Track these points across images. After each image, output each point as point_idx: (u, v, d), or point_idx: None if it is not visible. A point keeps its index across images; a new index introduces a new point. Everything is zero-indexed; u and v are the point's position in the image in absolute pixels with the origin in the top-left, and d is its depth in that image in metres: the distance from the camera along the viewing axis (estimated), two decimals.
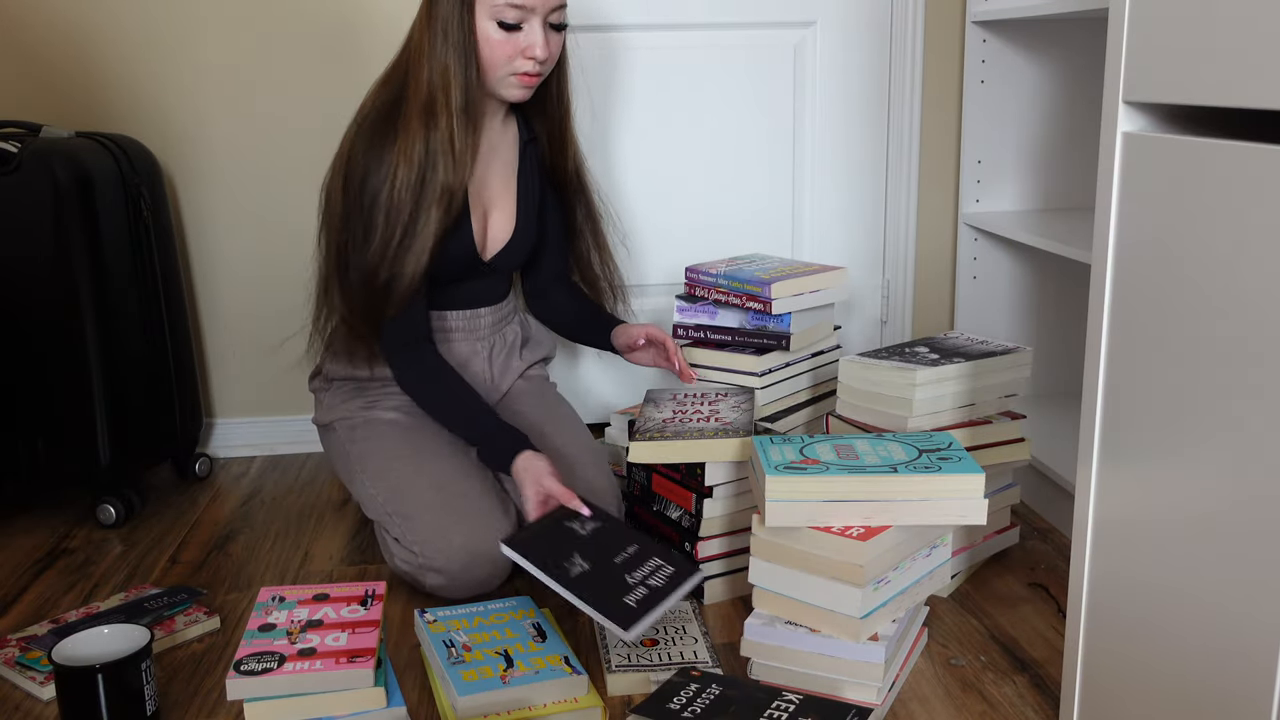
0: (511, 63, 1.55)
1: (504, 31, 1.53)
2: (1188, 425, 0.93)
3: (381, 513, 1.60)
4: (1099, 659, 1.10)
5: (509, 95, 1.60)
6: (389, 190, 1.54)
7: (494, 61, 1.55)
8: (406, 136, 1.54)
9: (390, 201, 1.54)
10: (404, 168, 1.54)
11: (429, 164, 1.54)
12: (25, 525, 1.88)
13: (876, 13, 2.17)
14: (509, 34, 1.53)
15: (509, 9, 1.51)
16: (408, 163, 1.53)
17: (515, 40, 1.54)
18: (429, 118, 1.54)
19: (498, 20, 1.52)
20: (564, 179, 1.77)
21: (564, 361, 2.20)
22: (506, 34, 1.53)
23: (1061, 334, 2.24)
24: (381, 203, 1.54)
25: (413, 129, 1.54)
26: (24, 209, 1.74)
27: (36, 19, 2.01)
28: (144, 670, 1.23)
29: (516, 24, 1.53)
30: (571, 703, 1.27)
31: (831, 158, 2.23)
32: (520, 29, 1.53)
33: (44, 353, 1.79)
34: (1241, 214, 0.85)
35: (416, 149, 1.54)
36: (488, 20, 1.52)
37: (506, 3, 1.50)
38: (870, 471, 1.29)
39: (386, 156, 1.55)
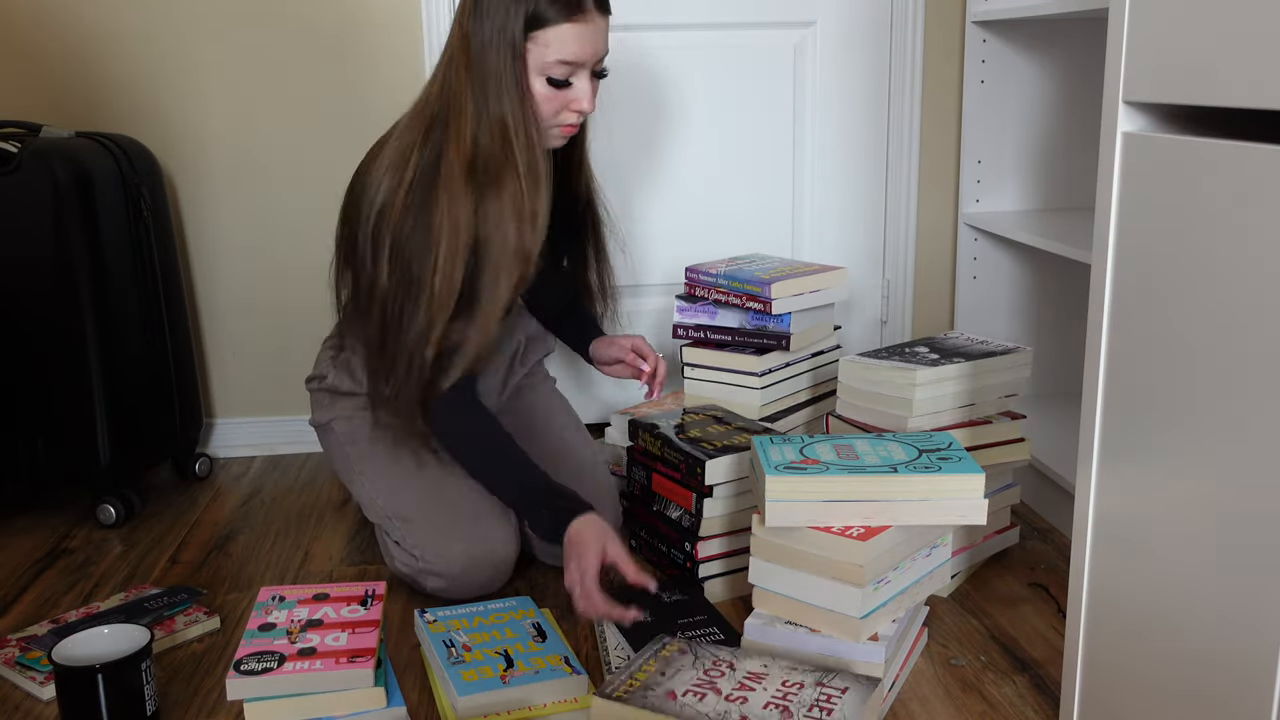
0: (558, 116, 1.49)
1: (553, 88, 1.46)
2: (1188, 425, 0.93)
3: (381, 515, 1.60)
4: (1099, 659, 1.10)
5: (549, 145, 1.53)
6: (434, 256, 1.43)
7: (541, 115, 1.48)
8: (451, 197, 1.43)
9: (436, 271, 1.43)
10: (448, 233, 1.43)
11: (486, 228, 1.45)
12: (25, 525, 1.88)
13: (876, 13, 2.17)
14: (558, 90, 1.46)
15: (559, 66, 1.44)
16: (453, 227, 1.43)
17: (564, 95, 1.47)
18: (481, 177, 1.45)
19: (548, 77, 1.45)
20: (574, 207, 1.72)
21: (564, 361, 2.20)
22: (555, 90, 1.46)
23: (1061, 334, 2.24)
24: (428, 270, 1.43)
25: (457, 189, 1.44)
26: (24, 209, 1.74)
27: (36, 19, 2.01)
28: (144, 670, 1.23)
29: (565, 80, 1.46)
30: (571, 703, 1.28)
31: (831, 158, 2.23)
32: (570, 84, 1.47)
33: (44, 353, 1.79)
34: (1241, 214, 0.85)
35: (466, 212, 1.44)
36: (536, 77, 1.45)
37: (558, 60, 1.44)
38: (870, 471, 1.29)
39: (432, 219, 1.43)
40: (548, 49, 1.43)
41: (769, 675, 1.19)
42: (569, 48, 1.43)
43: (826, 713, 1.11)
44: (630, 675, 1.18)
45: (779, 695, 1.14)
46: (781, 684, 1.17)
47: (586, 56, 1.45)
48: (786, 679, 1.18)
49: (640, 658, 1.22)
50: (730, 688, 1.16)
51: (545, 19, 1.42)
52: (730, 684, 1.17)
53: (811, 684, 1.17)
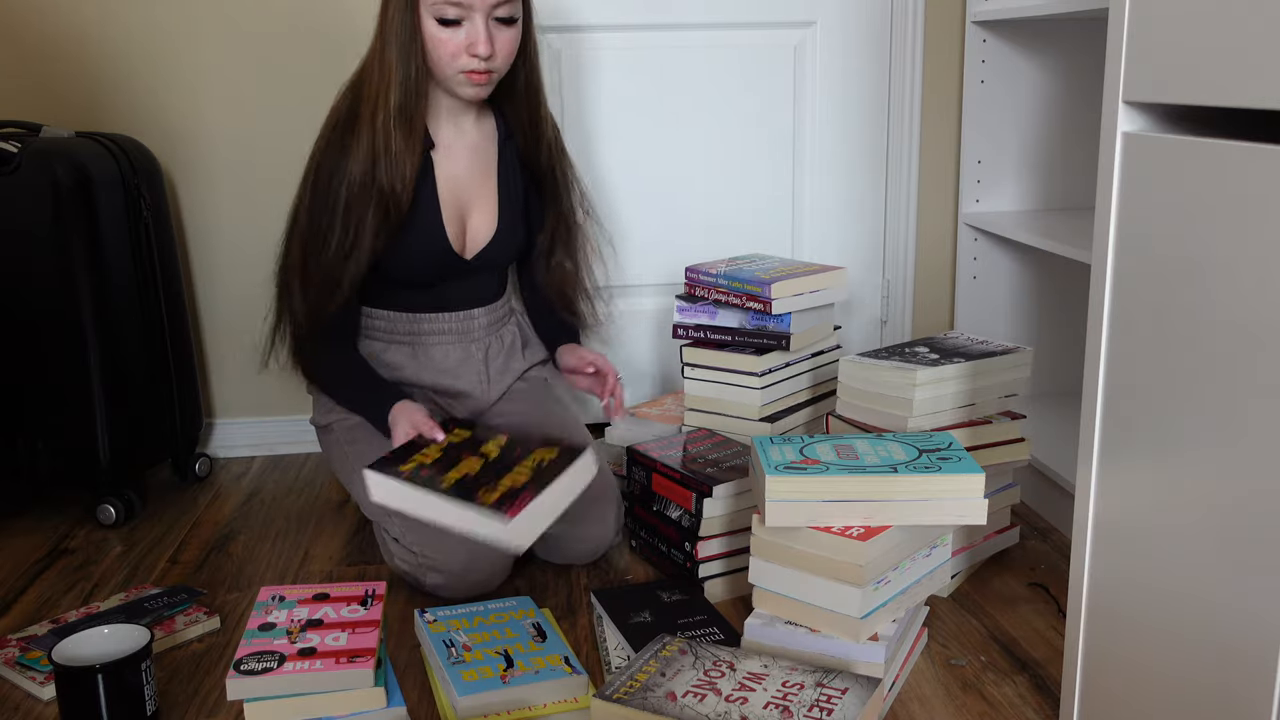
0: (457, 60, 1.54)
1: (446, 29, 1.52)
2: (1188, 425, 0.93)
3: (380, 513, 1.60)
4: (1099, 659, 1.10)
5: (464, 94, 1.59)
6: (337, 188, 1.55)
7: (439, 60, 1.54)
8: (356, 137, 1.55)
9: (334, 201, 1.55)
10: (356, 168, 1.55)
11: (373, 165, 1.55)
12: (25, 525, 1.88)
13: (876, 13, 2.17)
14: (451, 31, 1.52)
15: (447, 6, 1.50)
16: (359, 164, 1.55)
17: (458, 37, 1.52)
18: (371, 115, 1.55)
19: (438, 18, 1.51)
20: (540, 174, 1.75)
21: None
22: (449, 31, 1.52)
23: (1061, 334, 2.24)
24: (329, 203, 1.56)
25: (361, 130, 1.55)
26: (24, 209, 1.74)
27: (36, 19, 2.01)
28: (144, 670, 1.23)
29: (457, 20, 1.51)
30: (571, 703, 1.28)
31: (831, 158, 2.23)
32: (461, 25, 1.52)
33: (44, 353, 1.79)
34: (1241, 214, 0.85)
35: (364, 149, 1.55)
36: (429, 19, 1.52)
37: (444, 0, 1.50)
38: (870, 471, 1.29)
39: (342, 158, 1.56)
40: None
41: (769, 675, 1.19)
42: None
43: (827, 713, 1.11)
44: (630, 676, 1.18)
45: (779, 695, 1.14)
46: (782, 684, 1.17)
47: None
48: (787, 679, 1.18)
49: (640, 658, 1.22)
50: (730, 688, 1.16)
51: None
52: (730, 684, 1.17)
53: (812, 684, 1.17)
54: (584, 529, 1.61)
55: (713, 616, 1.45)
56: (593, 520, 1.62)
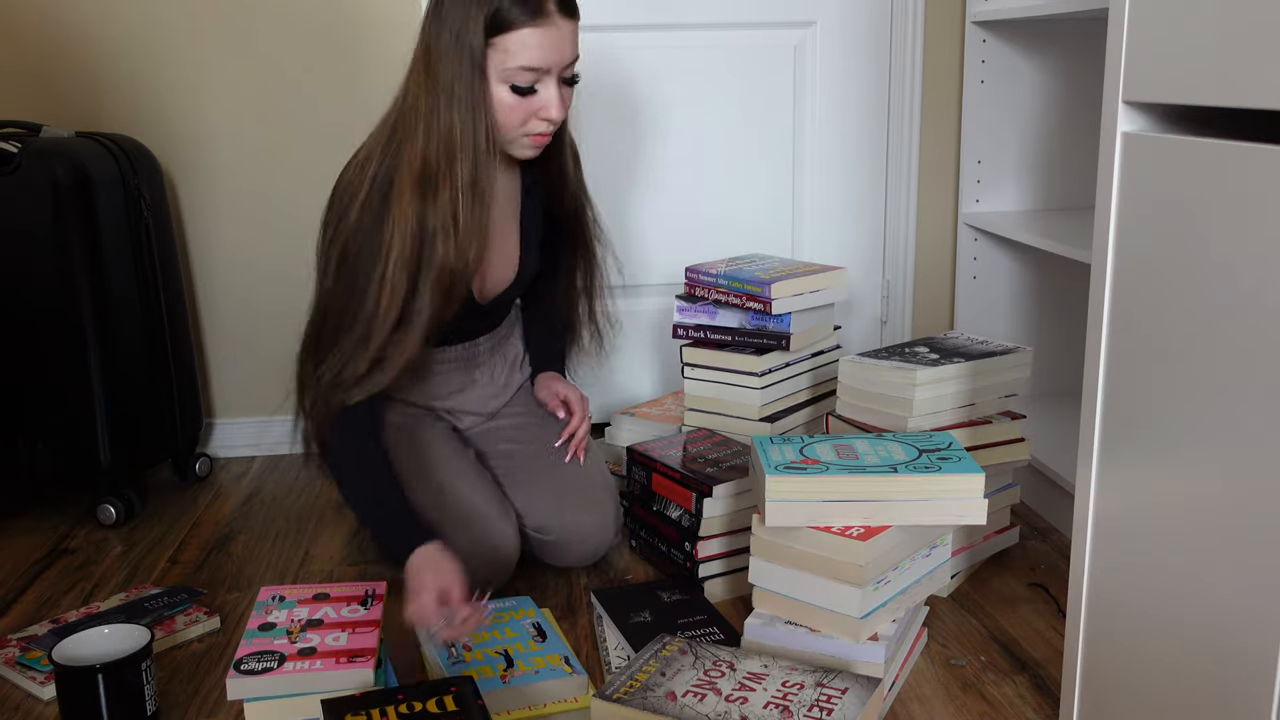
0: (525, 125, 1.45)
1: (517, 96, 1.42)
2: (1188, 425, 0.93)
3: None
4: (1099, 659, 1.10)
5: (520, 155, 1.50)
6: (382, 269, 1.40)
7: (507, 125, 1.44)
8: (400, 209, 1.40)
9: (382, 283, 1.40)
10: (398, 245, 1.39)
11: (425, 241, 1.41)
12: (25, 525, 1.88)
13: (876, 13, 2.17)
14: (523, 98, 1.42)
15: (523, 73, 1.40)
16: (401, 240, 1.39)
17: (530, 103, 1.43)
18: (425, 189, 1.40)
19: (510, 84, 1.41)
20: (564, 218, 1.69)
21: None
22: (520, 98, 1.42)
23: (1061, 334, 2.24)
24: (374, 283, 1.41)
25: (406, 201, 1.40)
26: (24, 209, 1.74)
27: (37, 19, 2.01)
28: (144, 670, 1.23)
29: (530, 87, 1.42)
30: (571, 703, 1.28)
31: (831, 158, 2.23)
32: (535, 91, 1.42)
33: (44, 353, 1.79)
34: (1241, 214, 0.85)
35: (411, 224, 1.40)
36: (499, 84, 1.41)
37: (520, 67, 1.39)
38: (870, 471, 1.29)
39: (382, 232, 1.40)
40: (509, 55, 1.39)
41: (769, 675, 1.19)
42: (531, 53, 1.39)
43: (827, 713, 1.11)
44: (630, 676, 1.18)
45: (779, 695, 1.14)
46: (782, 684, 1.17)
47: (551, 62, 1.41)
48: (786, 679, 1.18)
49: (640, 658, 1.22)
50: (730, 688, 1.16)
51: (506, 23, 1.38)
52: (730, 684, 1.17)
53: (812, 684, 1.17)
54: (583, 531, 1.61)
55: (713, 616, 1.45)
56: (592, 522, 1.61)
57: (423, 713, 1.09)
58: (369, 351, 1.42)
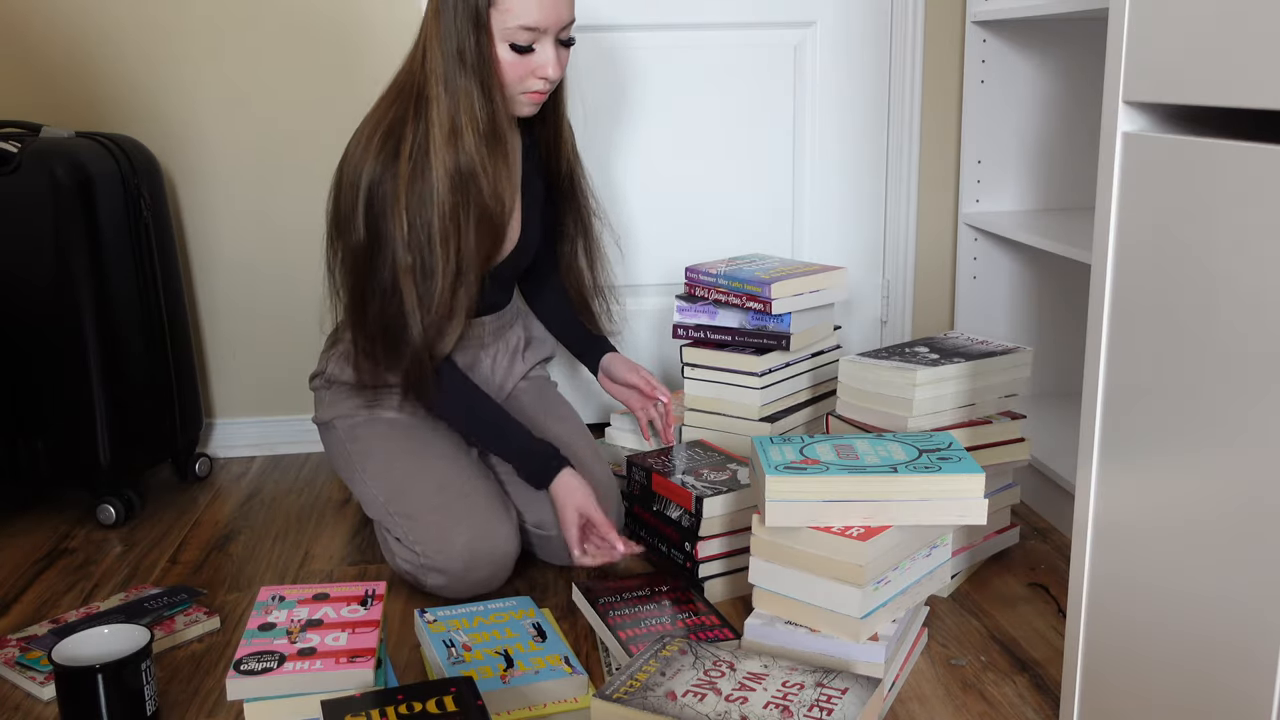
0: (523, 82, 1.55)
1: (516, 54, 1.52)
2: (1188, 425, 0.93)
3: (383, 512, 1.60)
4: (1099, 659, 1.10)
5: (519, 112, 1.59)
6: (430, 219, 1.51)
7: (508, 82, 1.54)
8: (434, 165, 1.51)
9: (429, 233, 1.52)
10: (446, 195, 1.51)
11: (464, 188, 1.53)
12: (25, 525, 1.88)
13: (876, 13, 2.17)
14: (521, 56, 1.52)
15: (521, 32, 1.50)
16: (448, 190, 1.52)
17: (528, 61, 1.53)
18: (457, 142, 1.52)
19: (510, 43, 1.51)
20: (557, 183, 1.76)
21: (564, 362, 2.20)
22: (519, 56, 1.52)
23: (1061, 334, 2.24)
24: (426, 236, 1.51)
25: (443, 156, 1.51)
26: (24, 209, 1.74)
27: (36, 19, 2.01)
28: (144, 670, 1.23)
29: (529, 46, 1.51)
30: (571, 703, 1.28)
31: (831, 158, 2.23)
32: (533, 50, 1.52)
33: (44, 353, 1.79)
34: (1241, 214, 0.85)
35: (451, 172, 1.52)
36: (502, 44, 1.51)
37: (519, 26, 1.49)
38: (870, 471, 1.29)
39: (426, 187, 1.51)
40: (509, 15, 1.48)
41: (769, 675, 1.19)
42: (531, 14, 1.48)
43: (827, 713, 1.11)
44: (630, 676, 1.18)
45: (779, 695, 1.14)
46: (782, 684, 1.17)
47: (549, 22, 1.50)
48: (787, 679, 1.18)
49: (640, 658, 1.22)
50: (730, 688, 1.16)
51: None
52: (730, 684, 1.17)
53: (812, 684, 1.17)
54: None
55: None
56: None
57: (423, 713, 1.09)
58: (443, 299, 1.53)
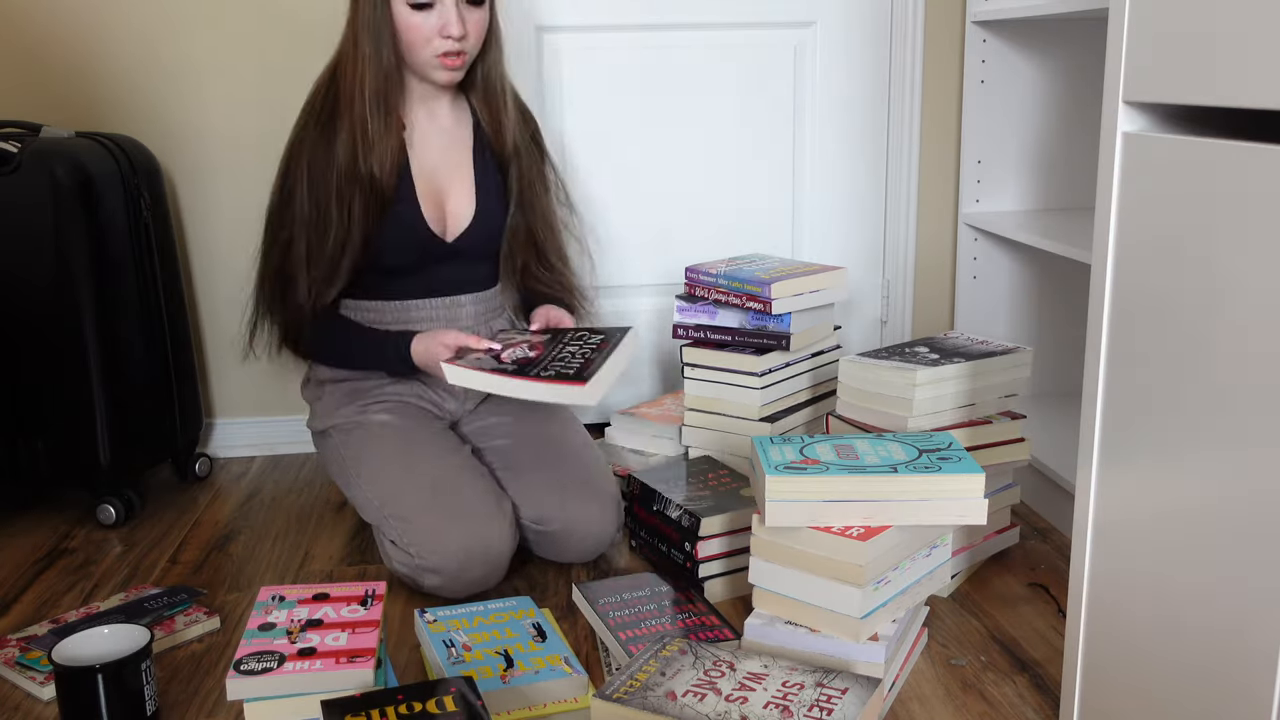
0: (430, 44, 1.56)
1: (417, 13, 1.54)
2: (1188, 425, 0.93)
3: (378, 516, 1.60)
4: (1099, 659, 1.10)
5: (437, 79, 1.60)
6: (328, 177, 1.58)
7: (412, 44, 1.56)
8: (336, 127, 1.58)
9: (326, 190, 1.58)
10: (343, 156, 1.57)
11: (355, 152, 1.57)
12: (25, 525, 1.88)
13: (876, 13, 2.17)
14: (423, 15, 1.54)
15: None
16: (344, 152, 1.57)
17: (430, 21, 1.54)
18: (349, 105, 1.57)
19: (409, 2, 1.53)
20: (503, 161, 1.73)
21: None
22: (421, 15, 1.54)
23: (1061, 334, 2.24)
24: (323, 192, 1.58)
25: (341, 120, 1.58)
26: (24, 209, 1.74)
27: (36, 19, 2.01)
28: (144, 670, 1.23)
29: (428, 3, 1.53)
30: (571, 703, 1.28)
31: (831, 158, 2.23)
32: (432, 8, 1.54)
33: (44, 353, 1.79)
34: (1241, 214, 0.85)
35: (345, 138, 1.57)
36: (401, 4, 1.54)
37: None
38: (870, 471, 1.29)
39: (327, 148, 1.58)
40: None
41: (769, 675, 1.19)
42: None
43: (827, 713, 1.11)
44: (630, 676, 1.18)
45: (779, 695, 1.14)
46: (782, 684, 1.17)
47: None
48: (787, 679, 1.18)
49: (640, 658, 1.22)
50: (730, 688, 1.16)
51: None
52: (730, 684, 1.17)
53: (812, 684, 1.17)
54: (584, 527, 1.61)
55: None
56: (592, 518, 1.61)
57: (423, 713, 1.09)
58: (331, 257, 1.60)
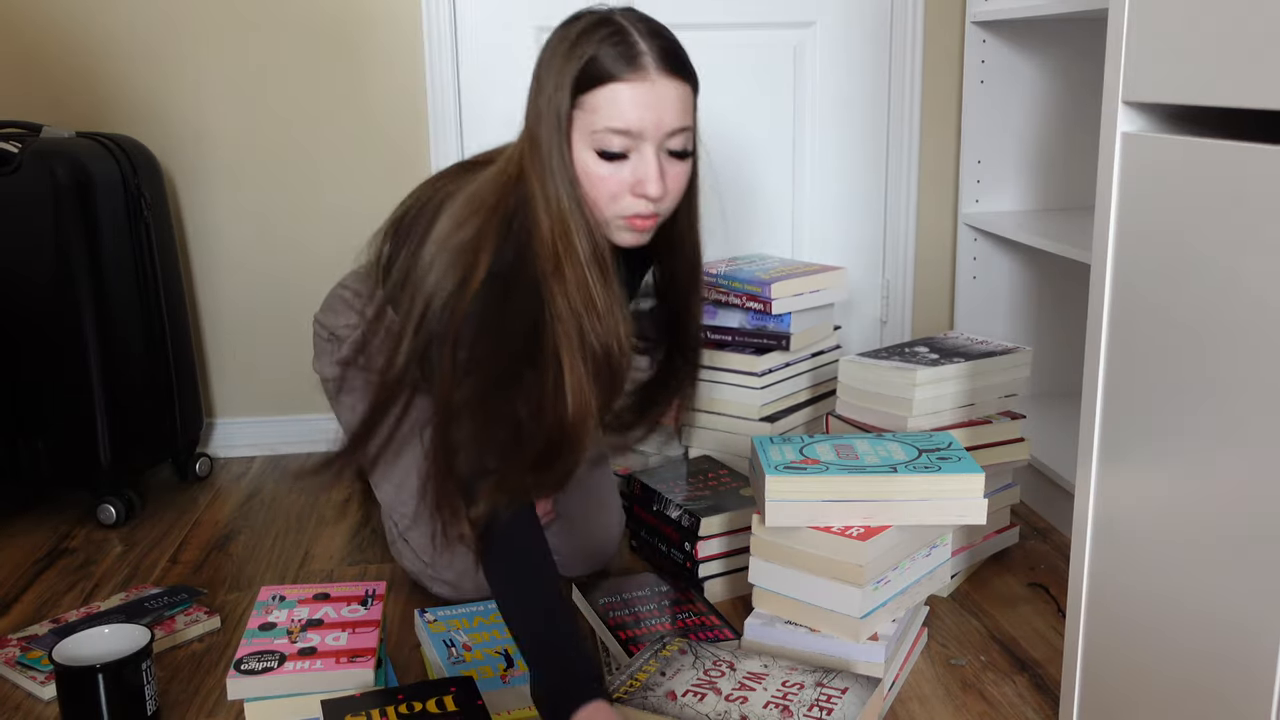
0: (618, 202, 1.25)
1: (608, 163, 1.23)
2: (1188, 425, 0.93)
3: (393, 500, 1.54)
4: (1099, 659, 1.10)
5: (620, 241, 1.28)
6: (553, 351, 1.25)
7: (597, 200, 1.24)
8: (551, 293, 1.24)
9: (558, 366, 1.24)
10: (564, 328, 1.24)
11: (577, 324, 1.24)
12: (25, 525, 1.88)
13: (876, 13, 2.17)
14: (614, 166, 1.23)
15: (610, 136, 1.21)
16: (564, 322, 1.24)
17: (622, 174, 1.23)
18: (558, 270, 1.23)
19: (598, 150, 1.22)
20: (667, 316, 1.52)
21: None
22: (612, 167, 1.23)
23: (1061, 334, 2.24)
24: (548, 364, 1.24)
25: (551, 284, 1.24)
26: (24, 209, 1.74)
27: (36, 19, 2.01)
28: (144, 670, 1.23)
29: (622, 153, 1.22)
30: None
31: (831, 158, 2.23)
32: (628, 159, 1.23)
33: (44, 353, 1.79)
34: (1241, 214, 0.85)
35: (561, 306, 1.24)
36: (586, 150, 1.22)
37: (607, 128, 1.20)
38: (870, 471, 1.29)
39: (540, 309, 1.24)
40: (596, 114, 1.21)
41: (769, 675, 1.19)
42: (622, 111, 1.20)
43: (826, 713, 1.11)
44: (630, 676, 1.18)
45: (779, 695, 1.14)
46: (781, 684, 1.17)
47: (647, 124, 1.21)
48: (786, 679, 1.18)
49: (640, 658, 1.22)
50: (730, 688, 1.16)
51: (595, 78, 1.20)
52: (730, 684, 1.17)
53: (811, 684, 1.17)
54: (590, 549, 1.60)
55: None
56: (596, 533, 1.60)
57: (423, 713, 1.09)
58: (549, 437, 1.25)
